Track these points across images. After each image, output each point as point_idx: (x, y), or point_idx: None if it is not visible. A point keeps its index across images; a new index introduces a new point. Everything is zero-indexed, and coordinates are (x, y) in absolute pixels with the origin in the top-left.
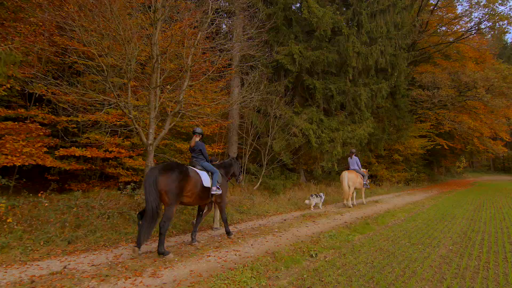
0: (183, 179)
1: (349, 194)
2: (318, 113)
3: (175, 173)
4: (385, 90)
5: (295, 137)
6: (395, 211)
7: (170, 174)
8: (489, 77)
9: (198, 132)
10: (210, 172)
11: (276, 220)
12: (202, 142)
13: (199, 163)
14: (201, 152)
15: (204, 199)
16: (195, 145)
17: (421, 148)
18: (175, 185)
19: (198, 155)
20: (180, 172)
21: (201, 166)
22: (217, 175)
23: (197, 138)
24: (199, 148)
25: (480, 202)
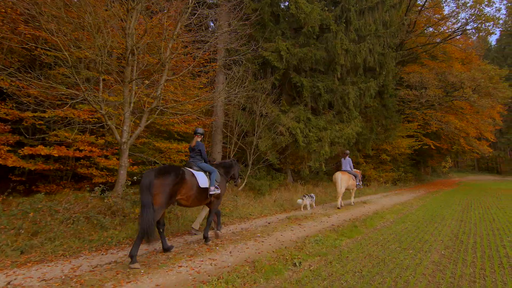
0: (178, 183)
1: (341, 195)
2: (306, 112)
3: (170, 177)
4: (374, 89)
5: (281, 136)
6: (384, 212)
7: (165, 177)
8: (476, 77)
9: (199, 132)
10: (208, 172)
11: (260, 223)
12: (202, 143)
13: (196, 163)
14: (200, 152)
15: (202, 200)
16: (196, 145)
17: (409, 148)
18: (169, 188)
19: (196, 155)
20: (176, 175)
21: (197, 166)
22: (215, 174)
23: (198, 138)
24: (199, 148)
25: (468, 202)
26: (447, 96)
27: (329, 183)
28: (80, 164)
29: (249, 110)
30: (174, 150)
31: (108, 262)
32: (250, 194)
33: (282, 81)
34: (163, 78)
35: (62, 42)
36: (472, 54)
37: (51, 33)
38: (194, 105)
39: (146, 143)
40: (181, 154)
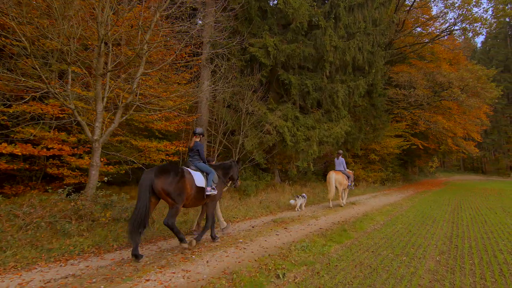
0: (179, 180)
1: (333, 195)
2: (294, 110)
3: (171, 175)
4: (363, 87)
5: (268, 135)
6: (373, 214)
7: (166, 176)
8: (464, 77)
9: (198, 132)
10: (205, 172)
11: (244, 227)
12: (201, 143)
13: (193, 163)
14: (198, 152)
15: (199, 200)
16: (194, 145)
17: (397, 148)
18: (173, 186)
19: (194, 155)
20: (176, 173)
21: (195, 166)
22: (212, 175)
23: (197, 138)
24: (197, 149)
25: (457, 202)
26: (436, 95)
27: (317, 183)
28: (50, 163)
29: (235, 107)
30: (153, 149)
31: (65, 275)
32: (235, 195)
33: (270, 78)
34: (139, 72)
35: (23, 29)
36: (460, 55)
37: (11, 19)
38: (176, 101)
39: (123, 141)
40: (161, 153)
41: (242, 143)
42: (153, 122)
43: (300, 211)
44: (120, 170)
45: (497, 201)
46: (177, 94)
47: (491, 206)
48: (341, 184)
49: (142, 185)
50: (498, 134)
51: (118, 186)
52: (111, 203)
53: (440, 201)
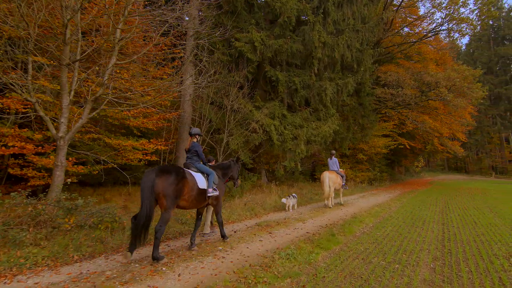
0: (180, 182)
1: (329, 195)
2: (281, 108)
3: (172, 176)
4: (351, 85)
5: (254, 133)
6: (362, 215)
7: (167, 177)
8: (451, 77)
9: (194, 133)
10: (206, 173)
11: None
12: (199, 144)
13: (193, 164)
14: (196, 153)
15: (201, 202)
16: (191, 146)
17: (385, 147)
18: (172, 188)
19: (193, 156)
20: (177, 174)
21: (195, 167)
22: (213, 176)
23: (194, 139)
24: (195, 149)
25: (444, 202)
26: (423, 95)
27: (305, 183)
28: (12, 163)
29: (219, 104)
30: (128, 148)
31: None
32: None
33: (257, 75)
34: (111, 62)
35: None
36: (446, 55)
37: None
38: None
39: (96, 139)
40: (137, 152)
41: (227, 142)
42: (129, 119)
43: (291, 211)
44: (92, 170)
45: (483, 200)
46: (154, 88)
47: (478, 206)
48: (335, 183)
49: (144, 187)
50: (481, 134)
51: (92, 188)
52: (76, 207)
53: (427, 201)
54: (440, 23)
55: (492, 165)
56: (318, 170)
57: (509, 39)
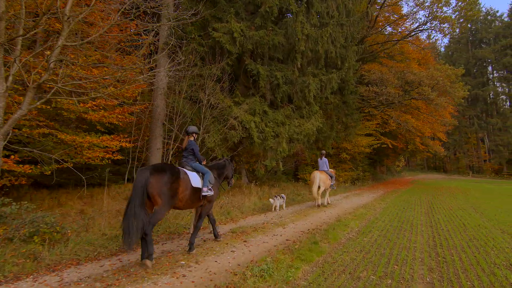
0: (175, 181)
1: (319, 194)
2: (262, 104)
3: (167, 175)
4: (335, 81)
5: (233, 130)
6: (347, 218)
7: (162, 175)
8: (434, 76)
9: (191, 131)
10: (201, 173)
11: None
12: (195, 142)
13: (188, 163)
14: (193, 152)
15: (195, 202)
16: (188, 144)
17: (368, 146)
18: (168, 187)
19: (189, 155)
20: (172, 173)
21: (190, 166)
22: (209, 175)
23: (191, 137)
24: (191, 148)
25: (428, 202)
26: (406, 94)
27: (287, 184)
28: None
29: (195, 99)
30: (85, 145)
31: None
32: None
33: (237, 69)
34: (59, 42)
35: None
36: (428, 55)
37: None
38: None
39: (48, 135)
40: (97, 150)
41: (202, 139)
42: (88, 112)
43: (277, 212)
44: (44, 170)
45: (465, 200)
46: (115, 77)
47: (462, 206)
48: (324, 183)
49: (136, 185)
50: (459, 134)
51: (48, 190)
52: (4, 215)
53: (411, 201)
54: (423, 22)
55: (470, 165)
56: (302, 170)
57: (485, 42)
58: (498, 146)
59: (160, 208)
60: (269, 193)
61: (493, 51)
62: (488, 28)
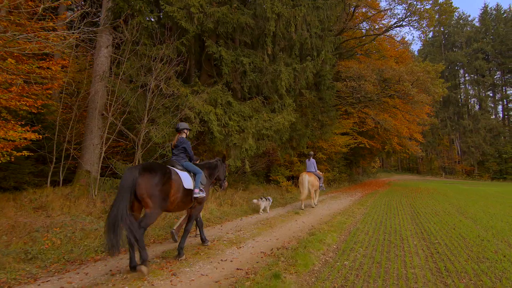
0: (166, 182)
1: (306, 196)
2: (226, 94)
3: (157, 175)
4: (310, 71)
5: (188, 123)
6: (322, 230)
7: (152, 176)
8: (414, 71)
9: (181, 128)
10: (193, 172)
11: (100, 270)
12: (187, 140)
13: (179, 162)
14: (184, 150)
15: (186, 204)
16: (178, 142)
17: (345, 146)
18: (159, 188)
19: (180, 153)
20: (163, 174)
21: (181, 166)
22: (200, 175)
23: (182, 134)
24: (183, 146)
25: (410, 206)
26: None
27: (258, 186)
28: None
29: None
30: None
31: None
32: None
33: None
34: None
35: None
36: (406, 53)
37: None
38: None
39: None
40: None
41: (147, 132)
42: None
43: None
44: None
45: (447, 202)
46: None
47: (447, 210)
48: (313, 185)
49: (123, 186)
50: (432, 136)
51: None
52: None
53: (392, 205)
54: (401, 18)
55: (442, 166)
56: (274, 171)
57: (458, 45)
58: (470, 148)
59: (151, 212)
60: (232, 198)
61: (465, 54)
62: (460, 31)
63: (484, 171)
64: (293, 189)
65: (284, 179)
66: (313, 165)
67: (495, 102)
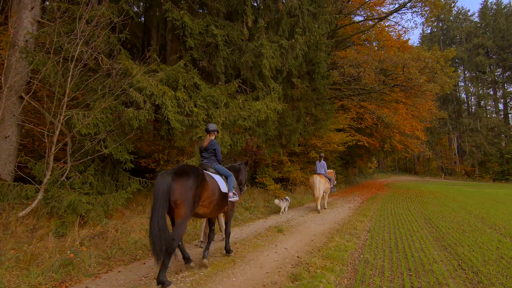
0: (199, 186)
1: (319, 197)
2: (191, 74)
3: (191, 179)
4: (300, 47)
5: (138, 109)
6: (313, 267)
7: (185, 180)
8: (421, 56)
9: (212, 129)
10: (225, 176)
11: None
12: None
13: (211, 165)
14: (214, 152)
15: (221, 208)
16: (210, 144)
17: (342, 144)
18: (192, 193)
19: (211, 156)
20: (197, 177)
21: (214, 169)
22: (232, 179)
23: (212, 136)
24: (214, 148)
25: (423, 217)
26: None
27: None
28: None
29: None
30: None
31: None
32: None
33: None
34: None
35: None
36: (407, 43)
37: None
38: None
39: None
40: None
41: (68, 118)
42: None
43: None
44: None
45: (462, 210)
46: None
47: (470, 222)
48: (324, 187)
49: (159, 192)
50: (431, 135)
51: None
52: None
53: (402, 216)
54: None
55: (441, 166)
56: (261, 173)
57: (457, 41)
58: (471, 148)
59: (183, 219)
60: None
61: (465, 50)
62: (459, 26)
63: (484, 172)
64: (282, 194)
65: (272, 181)
66: (323, 167)
67: (496, 100)
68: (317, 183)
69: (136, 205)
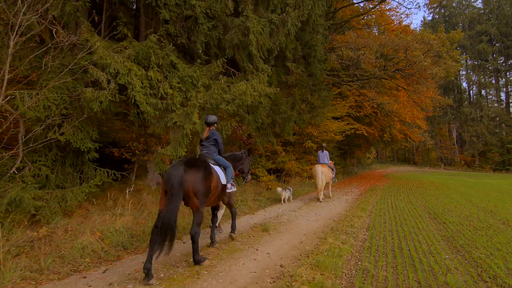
0: (208, 178)
1: (321, 187)
2: (165, 51)
3: (201, 171)
4: (293, 22)
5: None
6: (297, 280)
7: (197, 172)
8: (425, 38)
9: (212, 121)
10: (223, 166)
11: None
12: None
13: (211, 156)
14: (216, 142)
15: (220, 198)
16: (210, 134)
17: (340, 133)
18: (203, 185)
19: (211, 145)
20: (206, 169)
21: (214, 160)
22: (230, 170)
23: (212, 127)
24: (214, 138)
25: (427, 211)
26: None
27: None
28: None
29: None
30: None
31: None
32: None
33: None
34: None
35: None
36: (409, 28)
37: None
38: None
39: None
40: None
41: (9, 98)
42: None
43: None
44: None
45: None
46: None
47: (480, 216)
48: (326, 177)
49: (174, 183)
50: (431, 125)
51: None
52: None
53: (404, 210)
54: None
55: (441, 157)
56: (252, 163)
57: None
58: (472, 137)
59: (198, 210)
60: None
61: (468, 37)
62: (462, 13)
63: (484, 162)
64: (275, 185)
65: (265, 172)
66: (326, 157)
67: (498, 89)
68: (319, 172)
69: (106, 200)
